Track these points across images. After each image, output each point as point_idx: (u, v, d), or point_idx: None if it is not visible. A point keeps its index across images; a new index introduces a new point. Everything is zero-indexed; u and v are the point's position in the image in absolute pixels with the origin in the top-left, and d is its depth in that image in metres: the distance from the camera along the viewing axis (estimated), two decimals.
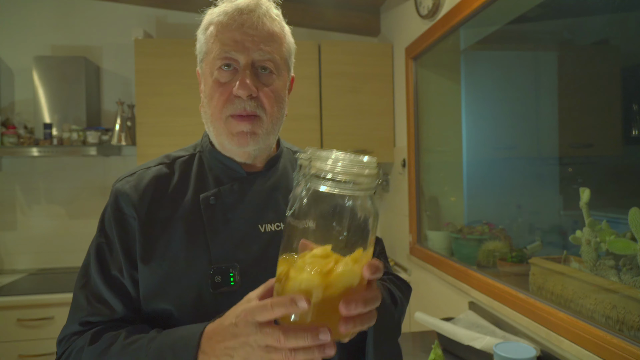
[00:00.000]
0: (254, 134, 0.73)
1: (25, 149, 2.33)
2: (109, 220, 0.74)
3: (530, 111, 2.04)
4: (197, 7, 0.84)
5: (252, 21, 0.72)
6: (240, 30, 0.72)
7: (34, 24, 2.60)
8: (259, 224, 0.75)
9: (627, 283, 1.08)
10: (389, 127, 2.57)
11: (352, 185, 0.46)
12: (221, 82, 0.73)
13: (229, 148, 0.77)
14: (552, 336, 1.19)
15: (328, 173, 0.46)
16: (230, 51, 0.71)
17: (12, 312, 2.08)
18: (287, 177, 0.83)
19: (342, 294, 0.48)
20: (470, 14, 1.62)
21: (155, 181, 0.76)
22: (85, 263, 0.75)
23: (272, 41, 0.74)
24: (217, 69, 0.73)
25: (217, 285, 0.69)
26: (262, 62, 0.73)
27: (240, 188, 0.77)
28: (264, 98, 0.73)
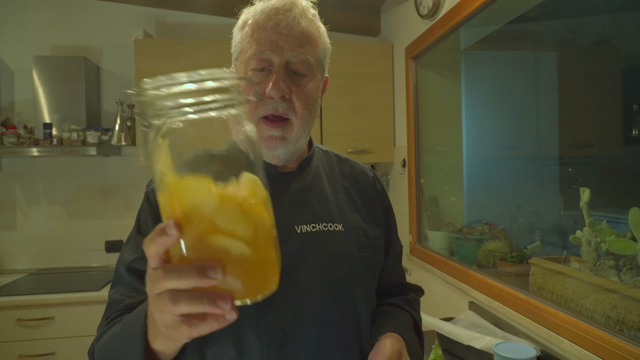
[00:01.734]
0: (283, 139, 0.73)
1: (25, 149, 2.33)
2: (145, 220, 0.75)
3: (530, 111, 2.04)
4: (197, 7, 0.84)
5: (288, 21, 0.72)
6: (276, 30, 0.71)
7: (34, 24, 2.60)
8: (295, 225, 0.75)
9: (627, 283, 1.08)
10: (389, 127, 2.57)
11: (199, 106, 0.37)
12: (255, 82, 0.72)
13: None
14: (552, 336, 1.19)
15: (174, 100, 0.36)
16: (265, 51, 0.71)
17: (12, 312, 2.07)
18: (320, 178, 0.83)
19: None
20: (470, 14, 1.62)
21: None
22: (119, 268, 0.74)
23: (307, 42, 0.73)
24: (251, 70, 0.73)
25: None
26: (296, 63, 0.72)
27: (276, 188, 0.76)
28: (295, 100, 0.73)
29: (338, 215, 0.79)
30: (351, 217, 0.82)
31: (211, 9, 2.71)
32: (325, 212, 0.79)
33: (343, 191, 0.85)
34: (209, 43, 2.39)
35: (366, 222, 0.83)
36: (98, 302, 2.13)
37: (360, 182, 0.89)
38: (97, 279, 2.36)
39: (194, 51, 2.37)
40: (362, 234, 0.81)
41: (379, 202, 0.89)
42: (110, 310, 0.70)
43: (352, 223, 0.81)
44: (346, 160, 0.92)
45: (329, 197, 0.81)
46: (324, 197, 0.81)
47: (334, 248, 0.76)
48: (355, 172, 0.90)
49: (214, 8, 2.69)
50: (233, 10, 0.87)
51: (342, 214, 0.81)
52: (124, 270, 0.72)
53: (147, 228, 0.74)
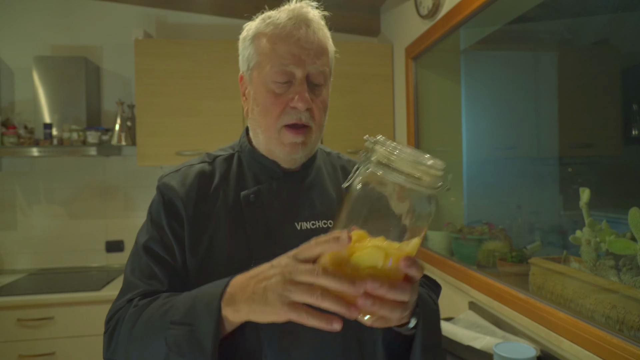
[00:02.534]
0: (304, 144, 0.78)
1: (25, 149, 2.33)
2: (157, 210, 0.79)
3: (530, 111, 2.04)
4: (197, 7, 0.85)
5: (308, 35, 0.76)
6: (298, 44, 0.75)
7: (34, 24, 2.60)
8: (295, 222, 0.78)
9: (627, 283, 1.08)
10: (389, 127, 2.57)
11: (413, 179, 0.47)
12: (277, 93, 0.76)
13: (278, 154, 0.80)
14: (552, 336, 1.19)
15: (392, 162, 0.47)
16: (289, 65, 0.74)
17: (12, 312, 2.08)
18: (322, 177, 0.86)
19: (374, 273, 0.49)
20: (470, 14, 1.62)
21: (199, 178, 0.80)
22: (134, 251, 0.79)
23: (323, 54, 0.78)
24: (273, 82, 0.76)
25: None
26: (316, 75, 0.77)
27: (279, 186, 0.81)
28: (315, 109, 0.77)
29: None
30: None
31: (211, 9, 2.71)
32: (326, 209, 0.81)
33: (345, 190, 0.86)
34: (209, 43, 2.39)
35: None
36: (98, 302, 2.13)
37: None
38: (97, 279, 2.36)
39: (194, 51, 2.37)
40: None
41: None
42: (128, 293, 0.74)
43: None
44: (348, 160, 0.95)
45: (331, 194, 0.84)
46: (326, 195, 0.84)
47: None
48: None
49: (214, 8, 2.69)
50: (233, 10, 0.88)
51: None
52: (141, 251, 0.76)
53: (159, 218, 0.78)
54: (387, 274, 0.50)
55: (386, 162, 0.48)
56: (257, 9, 0.83)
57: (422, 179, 0.47)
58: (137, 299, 0.72)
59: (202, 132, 2.39)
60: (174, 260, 0.75)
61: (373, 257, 0.49)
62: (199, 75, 2.38)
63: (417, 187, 0.47)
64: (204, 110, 2.39)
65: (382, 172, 0.48)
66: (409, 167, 0.47)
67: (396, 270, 0.50)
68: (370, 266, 0.49)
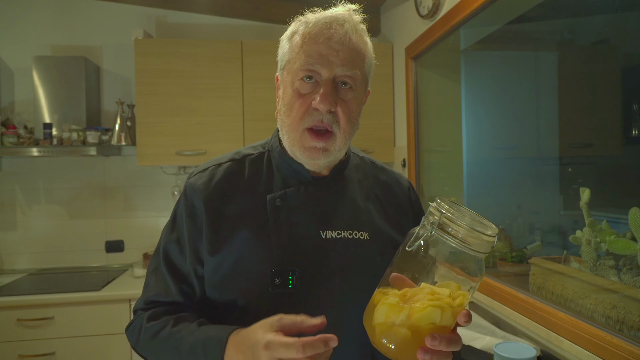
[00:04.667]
0: (326, 150, 0.75)
1: (25, 149, 2.33)
2: (181, 214, 0.80)
3: (530, 111, 2.04)
4: (197, 7, 0.85)
5: (340, 36, 0.73)
6: (327, 44, 0.72)
7: (34, 24, 2.60)
8: (320, 230, 0.76)
9: (627, 283, 1.08)
10: (389, 127, 2.57)
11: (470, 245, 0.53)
12: (302, 93, 0.74)
13: (300, 157, 0.79)
14: (552, 336, 1.19)
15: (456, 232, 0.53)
16: (315, 64, 0.72)
17: (12, 312, 2.07)
18: (352, 185, 0.83)
19: (431, 330, 0.53)
20: (470, 14, 1.62)
21: (226, 178, 0.80)
22: (157, 249, 0.82)
23: (356, 57, 0.75)
24: (299, 80, 0.74)
25: (277, 287, 0.72)
26: (344, 77, 0.74)
27: (306, 192, 0.79)
28: (340, 113, 0.74)
29: (366, 224, 0.80)
30: (379, 225, 0.82)
31: (211, 9, 2.71)
32: (353, 219, 0.79)
33: (374, 199, 0.85)
34: (209, 43, 2.39)
35: (396, 231, 0.83)
36: (98, 302, 2.13)
37: (393, 191, 0.88)
38: (97, 279, 2.36)
39: (194, 51, 2.37)
40: (389, 244, 0.80)
41: (412, 211, 0.88)
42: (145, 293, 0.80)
43: (380, 232, 0.81)
44: (382, 169, 0.92)
45: (359, 205, 0.82)
46: (353, 205, 0.81)
47: (356, 256, 0.76)
48: (390, 180, 0.90)
49: (214, 8, 2.69)
50: (233, 10, 0.88)
51: (370, 222, 0.81)
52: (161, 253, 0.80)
53: (181, 220, 0.80)
54: (443, 328, 0.54)
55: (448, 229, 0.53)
56: (257, 8, 0.83)
57: (476, 244, 0.53)
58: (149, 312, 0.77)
59: (202, 132, 2.39)
60: (186, 269, 0.77)
61: (432, 315, 0.53)
62: (199, 75, 2.38)
63: (473, 252, 0.53)
64: (204, 110, 2.39)
65: (443, 237, 0.53)
66: (468, 235, 0.53)
67: (451, 324, 0.55)
68: (430, 323, 0.53)
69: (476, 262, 0.54)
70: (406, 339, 0.53)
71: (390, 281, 0.57)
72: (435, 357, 0.52)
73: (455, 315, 0.54)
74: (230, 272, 0.74)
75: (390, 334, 0.54)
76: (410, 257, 0.57)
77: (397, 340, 0.53)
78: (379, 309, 0.56)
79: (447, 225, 0.53)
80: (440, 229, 0.53)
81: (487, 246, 0.53)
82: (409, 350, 0.53)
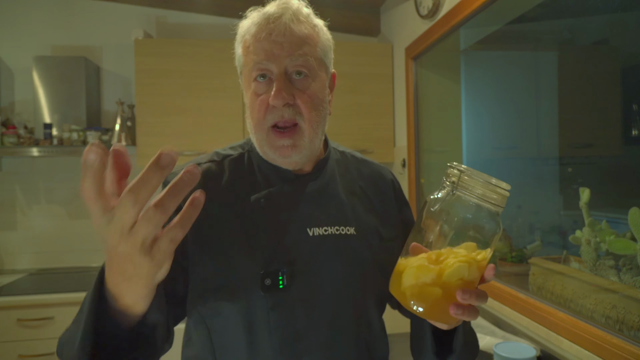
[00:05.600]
0: (295, 146, 0.73)
1: (25, 149, 2.33)
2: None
3: (530, 111, 2.04)
4: (197, 7, 0.84)
5: (280, 28, 0.71)
6: (269, 39, 0.71)
7: (34, 24, 2.60)
8: (307, 228, 0.75)
9: (627, 283, 1.08)
10: (389, 127, 2.57)
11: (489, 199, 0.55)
12: (258, 93, 0.73)
13: (273, 158, 0.77)
14: (552, 336, 1.19)
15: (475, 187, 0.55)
16: (262, 61, 0.71)
17: (12, 312, 2.07)
18: (335, 180, 0.82)
19: (460, 286, 0.55)
20: (470, 14, 1.62)
21: (207, 179, 0.76)
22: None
23: (303, 44, 0.73)
24: (254, 81, 0.74)
25: (267, 288, 0.70)
26: (295, 67, 0.72)
27: (290, 190, 0.77)
28: (301, 104, 0.72)
29: (352, 218, 0.79)
30: (365, 219, 0.81)
31: (211, 9, 2.71)
32: (339, 215, 0.78)
33: (359, 192, 0.84)
34: (209, 43, 2.39)
35: (381, 223, 0.83)
36: None
37: (377, 183, 0.88)
38: None
39: (194, 51, 2.37)
40: (376, 236, 0.80)
41: (396, 202, 0.88)
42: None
43: (365, 226, 0.80)
44: (363, 161, 0.91)
45: (343, 199, 0.81)
46: (338, 200, 0.80)
47: (345, 252, 0.76)
48: (373, 173, 0.90)
49: (214, 8, 2.69)
50: (233, 10, 0.88)
51: (356, 216, 0.80)
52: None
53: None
54: (471, 283, 0.56)
55: (467, 187, 0.55)
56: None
57: (494, 199, 0.55)
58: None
59: (202, 132, 2.39)
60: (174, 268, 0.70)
61: (461, 271, 0.55)
62: (199, 75, 2.38)
63: (493, 207, 0.55)
64: (204, 110, 2.39)
65: (464, 194, 0.56)
66: (487, 190, 0.55)
67: (477, 278, 0.57)
68: (459, 278, 0.55)
69: (493, 218, 0.57)
70: (437, 297, 0.54)
71: (410, 251, 0.59)
72: (467, 311, 0.54)
73: (481, 269, 0.56)
74: (219, 275, 0.71)
75: (422, 295, 0.55)
76: (431, 222, 0.58)
77: (428, 299, 0.55)
78: (408, 272, 0.57)
79: (467, 182, 0.55)
80: (461, 187, 0.55)
81: (503, 200, 0.56)
82: (441, 307, 0.55)
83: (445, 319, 0.57)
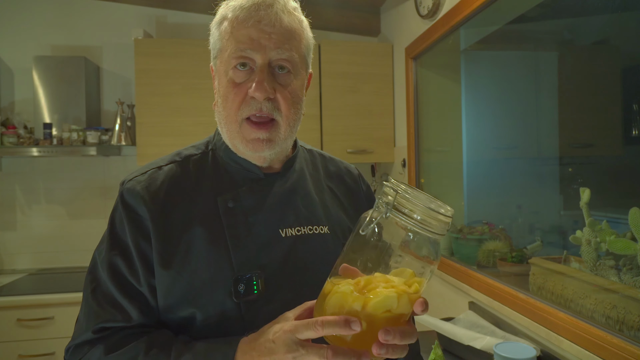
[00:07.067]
0: (270, 141, 0.70)
1: (25, 149, 2.33)
2: (120, 221, 0.70)
3: (530, 111, 2.04)
4: (197, 7, 0.84)
5: (270, 17, 0.67)
6: (257, 27, 0.67)
7: (34, 24, 2.60)
8: (279, 229, 0.72)
9: (627, 283, 1.08)
10: (389, 127, 2.57)
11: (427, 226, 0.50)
12: (236, 82, 0.69)
13: (243, 152, 0.74)
14: (552, 336, 1.19)
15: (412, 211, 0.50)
16: (246, 49, 0.67)
17: (12, 312, 2.07)
18: (304, 179, 0.80)
19: (387, 319, 0.51)
20: (470, 14, 1.62)
21: (169, 181, 0.72)
22: (92, 268, 0.71)
23: (290, 39, 0.69)
24: (232, 69, 0.69)
25: (241, 295, 0.66)
26: (280, 61, 0.69)
27: (260, 190, 0.73)
28: (281, 100, 0.69)
29: (324, 217, 0.77)
30: (337, 217, 0.79)
31: (211, 9, 2.70)
32: (311, 214, 0.76)
33: (328, 191, 0.83)
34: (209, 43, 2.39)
35: (353, 221, 0.81)
36: None
37: (345, 181, 0.87)
38: None
39: (194, 51, 2.37)
40: (349, 234, 0.79)
41: (366, 201, 0.87)
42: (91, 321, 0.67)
43: (338, 224, 0.78)
44: (330, 159, 0.89)
45: (314, 198, 0.79)
46: (309, 199, 0.78)
47: (319, 252, 0.73)
48: (340, 170, 0.88)
49: (214, 8, 2.68)
50: None
51: (328, 215, 0.78)
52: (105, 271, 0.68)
53: (122, 230, 0.70)
54: (400, 316, 0.52)
55: (401, 209, 0.50)
56: None
57: (433, 225, 0.50)
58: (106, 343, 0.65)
59: (202, 132, 2.37)
60: (139, 284, 0.67)
61: (389, 302, 0.51)
62: (199, 75, 2.38)
63: (431, 234, 0.51)
64: (204, 110, 2.39)
65: (398, 218, 0.50)
66: (425, 215, 0.50)
67: (408, 312, 0.53)
68: (386, 311, 0.51)
69: (432, 245, 0.52)
70: (361, 330, 0.50)
71: (340, 272, 0.54)
72: (391, 350, 0.50)
73: (412, 302, 0.51)
74: (187, 285, 0.66)
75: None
76: (363, 243, 0.53)
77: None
78: (331, 298, 0.52)
79: (403, 205, 0.50)
80: (395, 209, 0.50)
81: (443, 227, 0.51)
82: (364, 342, 0.51)
83: (370, 355, 0.52)
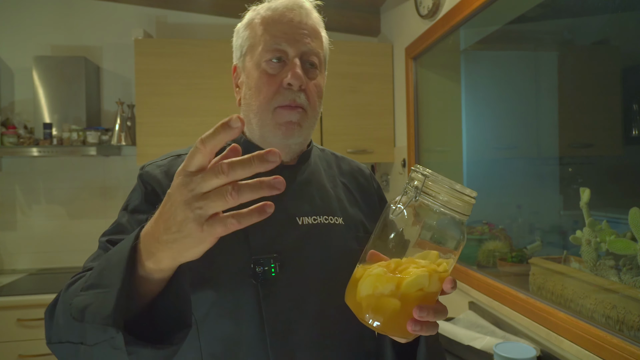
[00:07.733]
0: (299, 125, 0.74)
1: (25, 149, 2.33)
2: (137, 197, 0.74)
3: (530, 111, 2.04)
4: (197, 7, 0.85)
5: (301, 17, 0.75)
6: (290, 24, 0.74)
7: (34, 24, 2.60)
8: (296, 217, 0.75)
9: (627, 283, 1.08)
10: (389, 127, 2.57)
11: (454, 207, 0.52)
12: (270, 73, 0.74)
13: (271, 141, 0.76)
14: (552, 336, 1.19)
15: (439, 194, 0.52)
16: (281, 42, 0.73)
17: (12, 312, 2.07)
18: (319, 173, 0.84)
19: (420, 298, 0.52)
20: (470, 14, 1.62)
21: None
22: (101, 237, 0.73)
23: (316, 37, 0.77)
24: (266, 61, 0.74)
25: (259, 276, 0.69)
26: (309, 55, 0.75)
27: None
28: (309, 92, 0.75)
29: (338, 209, 0.80)
30: (351, 211, 0.82)
31: (211, 9, 2.71)
32: (326, 205, 0.79)
33: (342, 186, 0.86)
34: (209, 43, 2.39)
35: (366, 217, 0.84)
36: None
37: (358, 179, 0.90)
38: None
39: (194, 51, 2.37)
40: (361, 228, 0.81)
41: (378, 199, 0.90)
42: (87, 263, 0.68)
43: (352, 217, 0.81)
44: (342, 158, 0.94)
45: (329, 191, 0.82)
46: (324, 191, 0.81)
47: (335, 241, 0.76)
48: (353, 169, 0.92)
49: (214, 8, 2.69)
50: (233, 10, 0.88)
51: (343, 208, 0.81)
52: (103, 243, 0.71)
53: (142, 205, 0.73)
54: (431, 294, 0.54)
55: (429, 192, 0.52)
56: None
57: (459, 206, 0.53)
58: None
59: (202, 132, 2.36)
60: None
61: (421, 281, 0.52)
62: (199, 75, 2.38)
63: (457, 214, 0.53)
64: (204, 110, 2.39)
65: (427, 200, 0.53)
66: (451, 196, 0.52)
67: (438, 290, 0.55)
68: (418, 290, 0.53)
69: (458, 227, 0.54)
70: (395, 309, 0.51)
71: (368, 259, 0.56)
72: (425, 327, 0.52)
73: (442, 280, 0.53)
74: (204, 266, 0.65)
75: (379, 306, 0.52)
76: (391, 229, 0.56)
77: (386, 311, 0.52)
78: (365, 281, 0.54)
79: (431, 188, 0.52)
80: (424, 192, 0.53)
81: (468, 208, 0.53)
82: (398, 321, 0.52)
83: (403, 333, 0.54)
